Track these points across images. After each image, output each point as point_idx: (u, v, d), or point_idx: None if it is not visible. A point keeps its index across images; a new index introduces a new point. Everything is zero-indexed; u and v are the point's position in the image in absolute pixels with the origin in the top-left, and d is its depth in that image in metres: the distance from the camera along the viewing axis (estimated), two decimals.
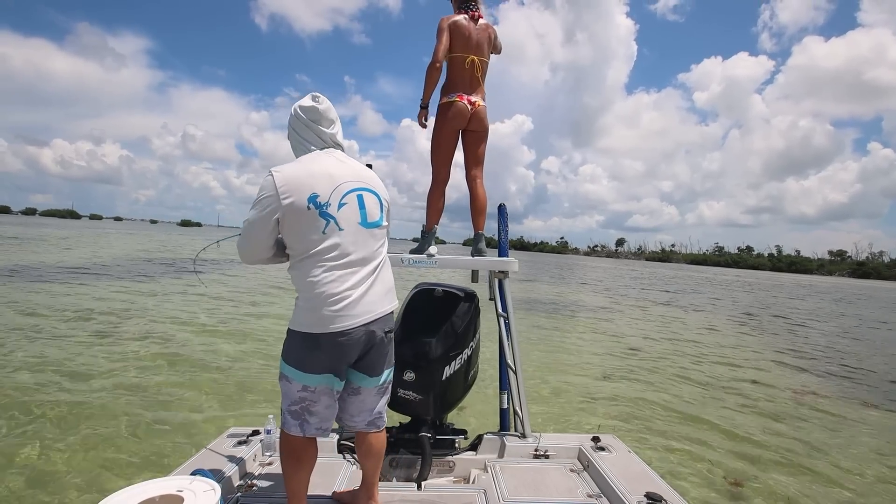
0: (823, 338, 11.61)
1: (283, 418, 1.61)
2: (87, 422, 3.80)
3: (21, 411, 3.93)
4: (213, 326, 7.65)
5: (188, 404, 4.31)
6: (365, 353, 1.62)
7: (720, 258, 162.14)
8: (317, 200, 1.50)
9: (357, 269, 1.56)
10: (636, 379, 6.17)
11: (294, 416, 1.58)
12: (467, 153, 2.72)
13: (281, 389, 1.62)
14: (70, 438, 3.50)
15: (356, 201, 1.59)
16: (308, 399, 1.57)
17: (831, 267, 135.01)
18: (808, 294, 31.59)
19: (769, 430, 4.66)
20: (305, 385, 1.55)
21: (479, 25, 2.61)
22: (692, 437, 4.27)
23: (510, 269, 2.53)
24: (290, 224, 1.51)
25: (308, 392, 1.56)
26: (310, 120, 1.62)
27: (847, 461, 4.02)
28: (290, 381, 1.57)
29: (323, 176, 1.54)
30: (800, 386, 6.54)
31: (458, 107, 2.56)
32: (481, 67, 2.62)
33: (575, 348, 7.98)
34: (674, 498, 1.82)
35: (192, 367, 5.43)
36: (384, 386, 1.75)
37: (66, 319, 7.35)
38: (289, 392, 1.58)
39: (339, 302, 1.51)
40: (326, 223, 1.52)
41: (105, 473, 3.06)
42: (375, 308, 1.60)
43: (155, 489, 1.36)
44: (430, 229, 2.70)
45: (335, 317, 1.50)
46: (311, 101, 1.63)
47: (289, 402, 1.59)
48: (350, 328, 1.53)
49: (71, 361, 5.31)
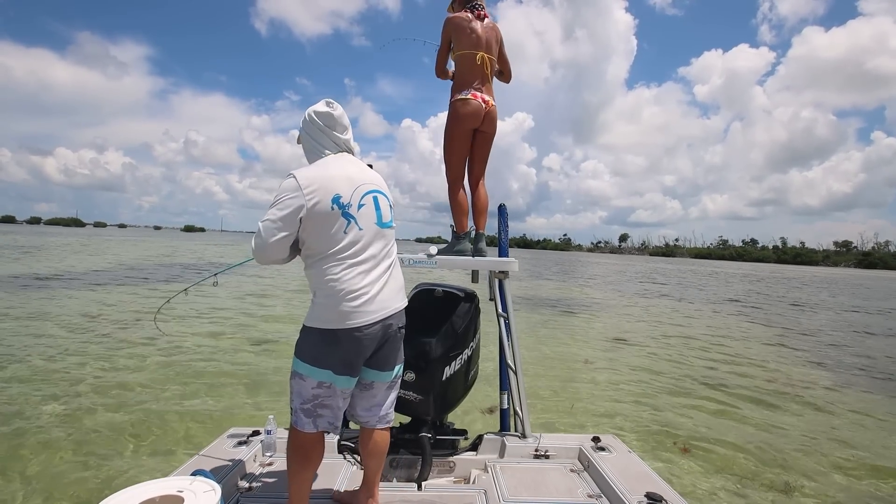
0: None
1: (295, 416, 1.63)
2: (88, 422, 3.83)
3: (22, 411, 3.97)
4: (215, 327, 7.68)
5: (188, 405, 4.33)
6: (379, 349, 1.67)
7: (724, 251, 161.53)
8: (340, 201, 1.57)
9: (373, 267, 1.62)
10: (637, 378, 6.15)
11: (307, 414, 1.61)
12: (475, 153, 2.67)
13: (292, 388, 1.64)
14: (70, 439, 3.52)
15: (372, 202, 1.66)
16: (321, 395, 1.60)
17: (837, 258, 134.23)
18: (820, 287, 31.34)
19: (772, 428, 4.64)
20: (321, 381, 1.58)
21: (486, 24, 2.58)
22: (693, 437, 4.25)
23: (510, 270, 2.52)
24: (312, 224, 1.55)
25: (322, 388, 1.59)
26: (325, 125, 1.67)
27: None
28: (304, 379, 1.59)
29: (343, 178, 1.61)
30: (813, 382, 6.51)
31: (473, 105, 2.51)
32: (490, 66, 2.58)
33: (576, 347, 7.97)
34: (674, 498, 1.82)
35: (193, 367, 5.47)
36: (395, 381, 1.81)
37: (70, 323, 7.40)
38: (301, 389, 1.60)
39: (358, 298, 1.56)
40: (348, 223, 1.58)
41: (105, 474, 3.07)
42: (390, 304, 1.66)
43: (155, 489, 1.36)
44: (465, 230, 2.64)
45: (353, 312, 1.55)
46: (326, 107, 1.68)
47: (301, 401, 1.61)
48: (367, 323, 1.58)
49: (73, 362, 5.37)
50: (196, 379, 5.08)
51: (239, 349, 6.46)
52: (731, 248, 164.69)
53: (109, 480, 2.99)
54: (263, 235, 1.56)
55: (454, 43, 2.59)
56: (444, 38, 2.61)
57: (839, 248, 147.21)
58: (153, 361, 5.63)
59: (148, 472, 3.10)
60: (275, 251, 1.59)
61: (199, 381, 4.99)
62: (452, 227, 2.68)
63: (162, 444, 3.55)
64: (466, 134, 2.58)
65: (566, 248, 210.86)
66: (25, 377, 4.88)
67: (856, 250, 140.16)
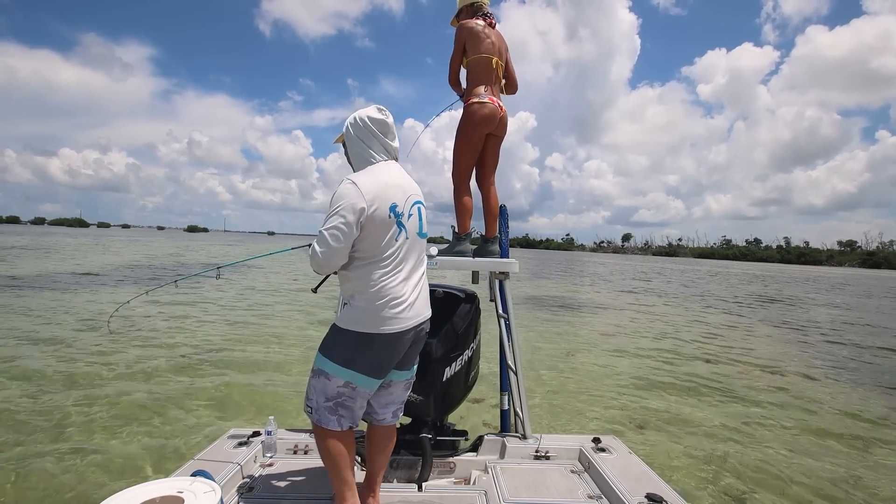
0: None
1: (319, 414, 1.64)
2: (88, 423, 3.85)
3: (23, 411, 4.00)
4: (219, 330, 7.71)
5: (189, 405, 4.35)
6: (406, 352, 1.70)
7: (728, 251, 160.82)
8: (396, 210, 1.61)
9: (410, 274, 1.67)
10: (639, 378, 6.12)
11: (331, 412, 1.63)
12: (487, 157, 2.65)
13: (314, 385, 1.65)
14: (70, 439, 3.54)
15: (417, 212, 1.71)
16: (346, 395, 1.62)
17: (841, 257, 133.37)
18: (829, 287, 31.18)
19: (777, 428, 4.62)
20: (347, 381, 1.60)
21: (496, 32, 2.62)
22: (694, 436, 4.23)
23: (511, 271, 2.53)
24: (369, 230, 1.57)
25: (348, 388, 1.61)
26: (378, 131, 1.68)
27: None
28: (330, 378, 1.61)
29: (397, 187, 1.63)
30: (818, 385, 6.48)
31: (489, 108, 2.50)
32: (501, 72, 2.60)
33: (577, 346, 7.95)
34: (674, 499, 1.81)
35: (194, 368, 5.49)
36: (411, 379, 1.86)
37: (73, 323, 7.45)
38: (325, 388, 1.62)
39: (399, 305, 1.60)
40: (399, 231, 1.62)
41: (106, 474, 3.08)
42: (423, 312, 1.71)
43: (155, 490, 1.38)
44: (466, 230, 2.65)
45: (393, 319, 1.59)
46: (380, 114, 1.68)
47: (324, 398, 1.62)
48: (404, 329, 1.62)
49: (76, 362, 5.39)
50: (197, 379, 5.10)
51: (244, 350, 6.48)
52: (734, 248, 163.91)
53: (109, 481, 2.98)
54: (331, 243, 1.53)
55: (469, 48, 2.58)
56: (458, 44, 2.59)
57: (843, 247, 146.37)
58: (156, 362, 5.65)
59: (148, 472, 3.11)
60: (339, 257, 1.57)
61: (200, 382, 5.01)
62: (453, 228, 2.68)
63: (162, 445, 3.54)
64: (480, 137, 2.57)
65: (569, 247, 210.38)
66: (20, 375, 4.92)
67: (860, 250, 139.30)
